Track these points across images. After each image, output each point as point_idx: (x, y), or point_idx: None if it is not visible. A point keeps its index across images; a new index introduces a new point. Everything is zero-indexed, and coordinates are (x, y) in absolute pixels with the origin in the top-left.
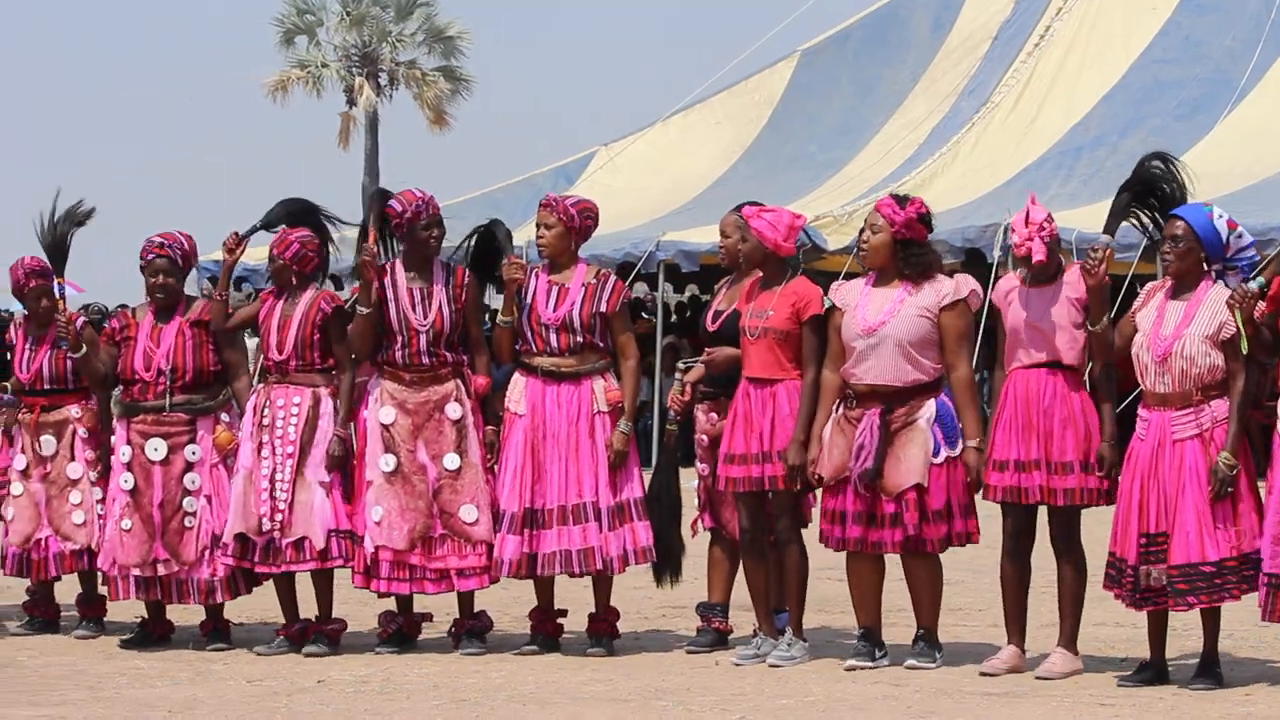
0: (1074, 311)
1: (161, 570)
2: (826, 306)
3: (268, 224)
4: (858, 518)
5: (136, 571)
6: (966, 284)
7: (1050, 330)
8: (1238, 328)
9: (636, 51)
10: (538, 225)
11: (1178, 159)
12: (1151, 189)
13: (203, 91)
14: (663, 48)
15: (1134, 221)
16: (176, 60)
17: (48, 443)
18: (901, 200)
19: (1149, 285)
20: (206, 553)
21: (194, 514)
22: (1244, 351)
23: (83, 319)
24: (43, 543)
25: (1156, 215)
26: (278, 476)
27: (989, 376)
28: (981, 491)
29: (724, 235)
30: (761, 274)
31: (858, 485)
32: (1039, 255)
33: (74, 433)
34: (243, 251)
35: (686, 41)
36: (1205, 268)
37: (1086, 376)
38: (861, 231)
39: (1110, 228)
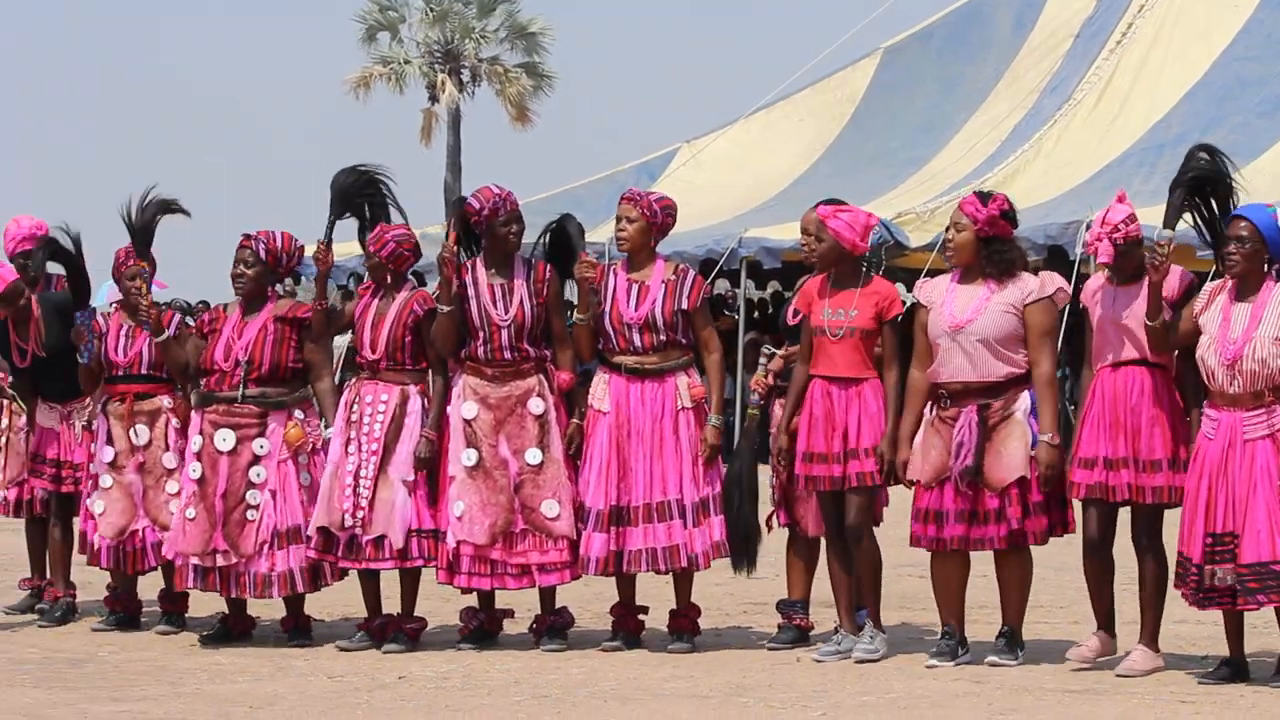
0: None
1: (220, 561)
2: (908, 304)
3: (338, 215)
4: (959, 516)
5: (195, 560)
6: (1052, 281)
7: (1137, 328)
8: None
9: (719, 48)
10: (619, 219)
11: (1222, 152)
12: (1202, 184)
13: (286, 89)
14: (746, 44)
15: (1189, 220)
16: (259, 58)
17: (141, 432)
18: (984, 197)
19: (1209, 286)
20: (266, 547)
21: (256, 507)
22: None
23: (178, 315)
24: (139, 534)
25: (1209, 212)
26: (362, 473)
27: (1073, 375)
28: (1069, 489)
29: (805, 233)
30: (833, 273)
31: (959, 483)
32: (1103, 257)
33: (167, 422)
34: (332, 258)
35: (769, 38)
36: (1267, 268)
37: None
38: (947, 229)
39: (1170, 223)
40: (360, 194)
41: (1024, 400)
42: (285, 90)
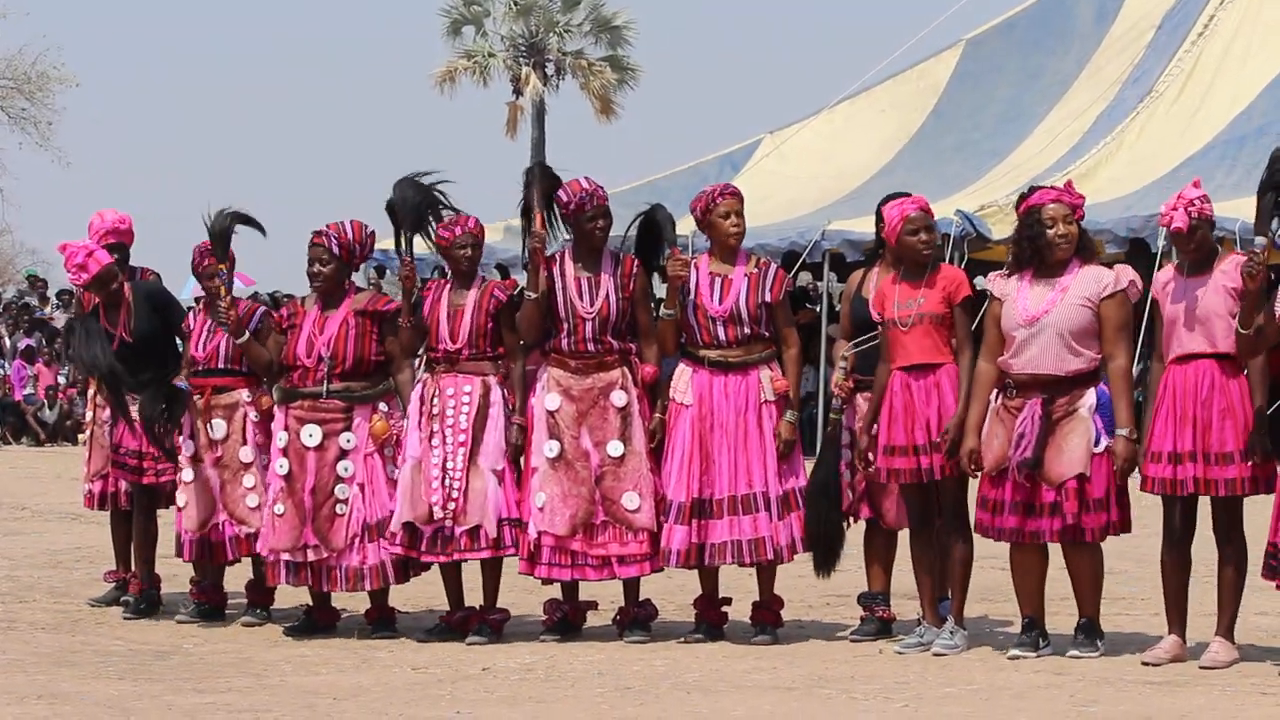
0: (1230, 300)
1: (311, 556)
2: (980, 293)
3: (412, 231)
4: (1015, 507)
5: (287, 556)
6: (1126, 274)
7: (1207, 319)
8: None
9: (802, 39)
10: (726, 214)
11: None
12: (1272, 189)
13: (373, 83)
14: (828, 36)
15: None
16: (348, 53)
17: (218, 426)
18: (1059, 188)
19: None
20: (356, 540)
21: (345, 501)
22: None
23: (262, 308)
24: (219, 527)
25: None
26: (449, 465)
27: (1148, 368)
28: (1140, 482)
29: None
30: (902, 266)
31: (1018, 475)
32: (1179, 222)
33: (245, 416)
34: (416, 275)
35: (852, 30)
36: None
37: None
38: (1050, 226)
39: (1261, 229)
40: (428, 205)
41: (1089, 397)
42: (373, 85)
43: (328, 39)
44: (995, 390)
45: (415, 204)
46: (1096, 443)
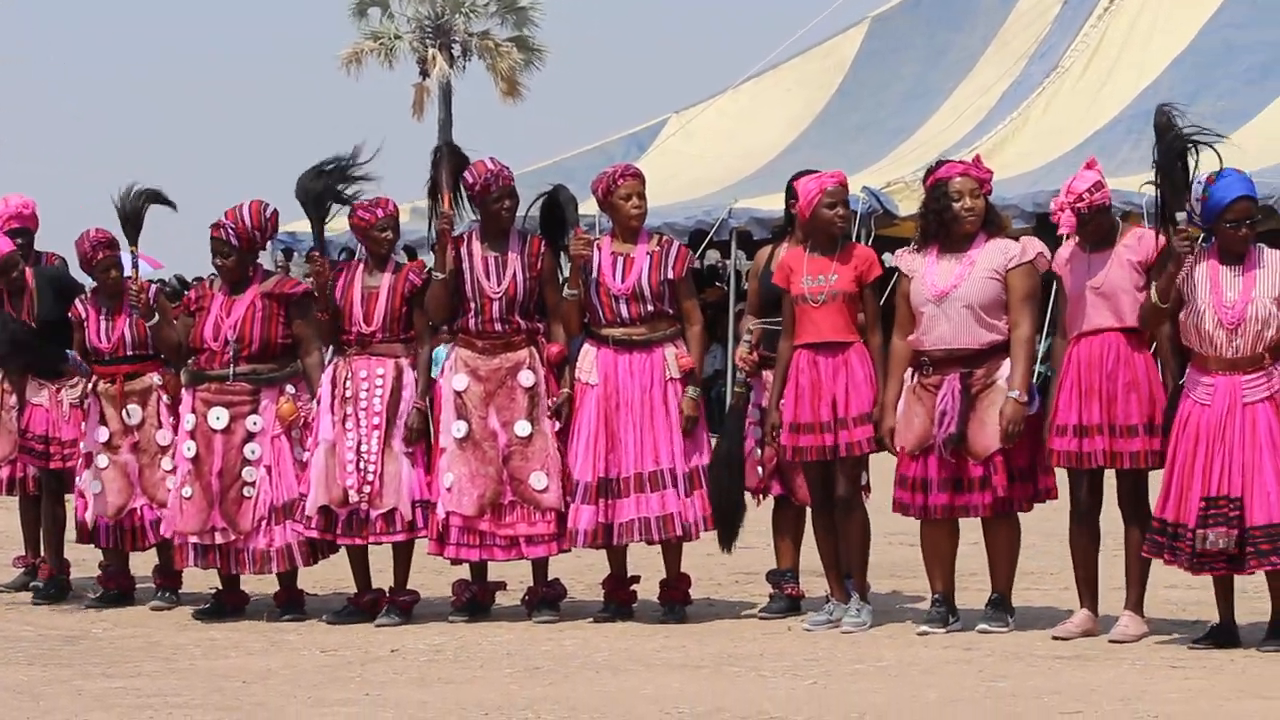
0: (1134, 274)
1: (219, 539)
2: (890, 271)
3: (322, 220)
4: (943, 484)
5: (195, 539)
6: (1034, 246)
7: (1112, 294)
8: None
9: (707, 19)
10: (628, 195)
11: (1178, 111)
12: (1180, 159)
13: (280, 65)
14: (734, 15)
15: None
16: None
17: (133, 411)
18: (966, 162)
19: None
20: (264, 523)
21: (253, 484)
22: None
23: (155, 287)
24: (137, 512)
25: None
26: (364, 448)
27: (1054, 344)
28: (1047, 457)
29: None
30: (809, 241)
31: (943, 451)
32: (1065, 228)
33: (159, 399)
34: (329, 267)
35: (757, 8)
36: None
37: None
38: (957, 199)
39: (1179, 205)
40: (334, 193)
41: (1006, 367)
42: (279, 66)
43: (234, 20)
44: (910, 369)
45: (318, 193)
46: None
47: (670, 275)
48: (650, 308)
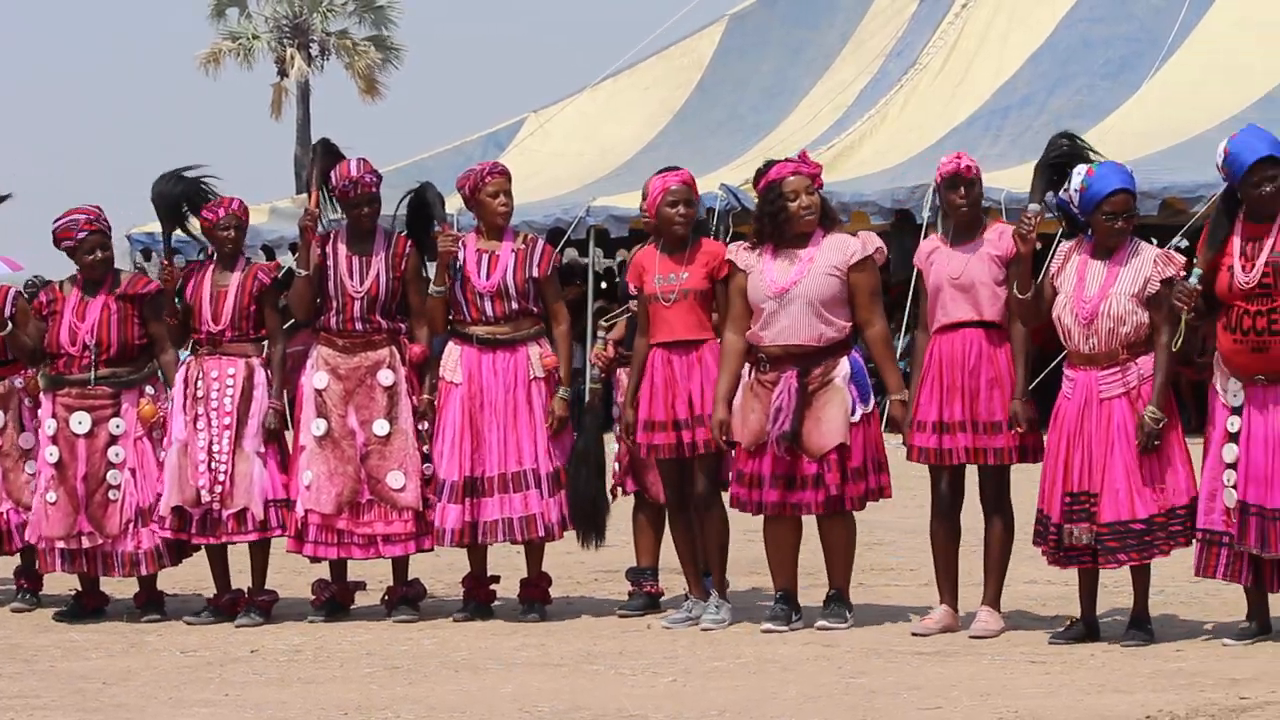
0: (996, 269)
1: (86, 543)
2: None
3: (172, 227)
4: (775, 481)
5: (61, 544)
6: (872, 241)
7: (973, 288)
8: (1178, 328)
9: (566, 18)
10: (495, 193)
11: (1081, 137)
12: (1064, 165)
13: (138, 65)
14: (592, 14)
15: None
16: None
17: None
18: (794, 160)
19: (1063, 247)
20: (131, 525)
21: (118, 487)
22: (1176, 348)
23: (14, 290)
24: (3, 515)
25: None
26: (215, 448)
27: (913, 338)
28: (906, 452)
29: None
30: (662, 240)
31: (777, 449)
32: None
33: (20, 403)
34: (179, 273)
35: (616, 7)
36: None
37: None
38: (793, 199)
39: (1035, 198)
40: (188, 200)
41: (844, 366)
42: (137, 67)
43: (91, 21)
44: (748, 365)
45: (174, 197)
46: (853, 412)
47: (535, 273)
48: (515, 306)
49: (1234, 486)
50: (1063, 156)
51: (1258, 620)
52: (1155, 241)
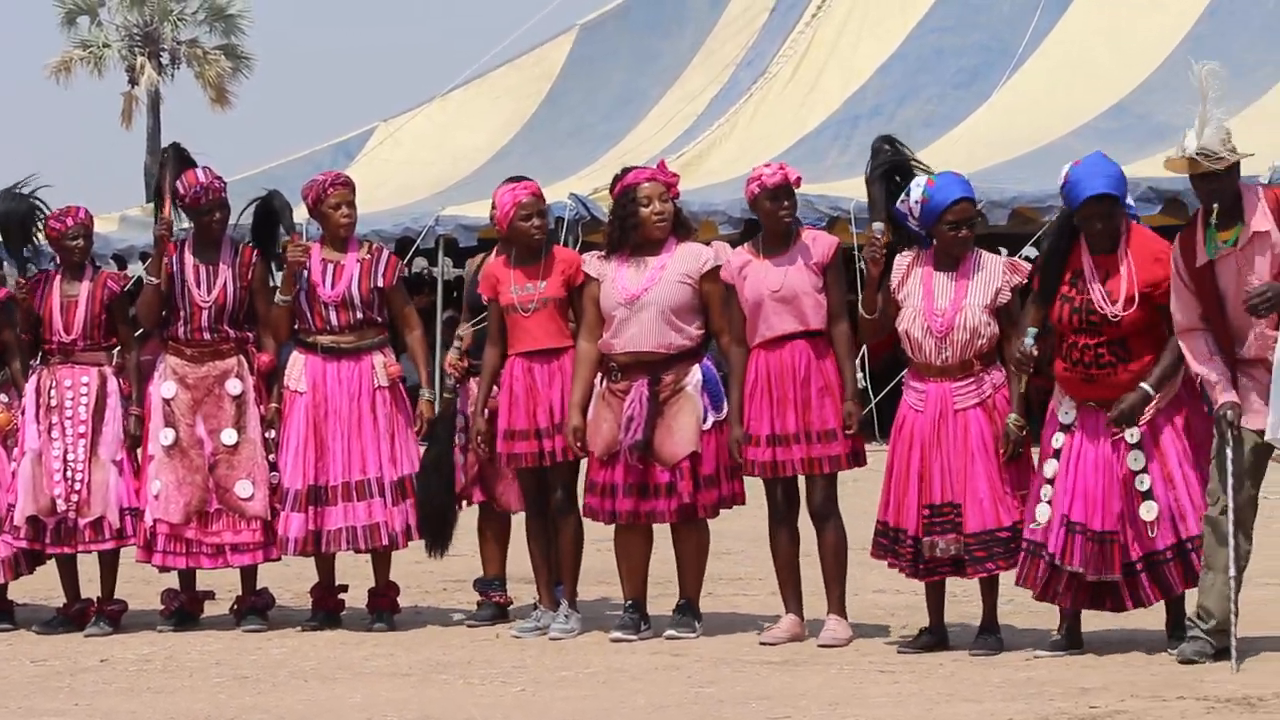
0: (815, 277)
1: None
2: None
3: (21, 240)
4: (629, 490)
5: None
6: (725, 250)
7: (795, 299)
8: (1020, 388)
9: (417, 27)
10: (338, 204)
11: (900, 140)
12: (893, 173)
13: None
14: (442, 23)
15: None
16: None
17: None
18: (652, 168)
19: (901, 261)
20: None
21: None
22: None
23: None
24: None
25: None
26: (70, 457)
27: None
28: (740, 467)
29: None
30: (513, 250)
31: (629, 457)
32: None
33: None
34: (31, 287)
35: (466, 17)
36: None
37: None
38: (646, 205)
39: (877, 216)
40: (30, 215)
41: (695, 374)
42: None
43: None
44: (600, 374)
45: (21, 215)
46: (705, 419)
47: (380, 283)
48: (359, 315)
49: (1049, 501)
50: (890, 165)
51: (1068, 636)
52: (1005, 251)
